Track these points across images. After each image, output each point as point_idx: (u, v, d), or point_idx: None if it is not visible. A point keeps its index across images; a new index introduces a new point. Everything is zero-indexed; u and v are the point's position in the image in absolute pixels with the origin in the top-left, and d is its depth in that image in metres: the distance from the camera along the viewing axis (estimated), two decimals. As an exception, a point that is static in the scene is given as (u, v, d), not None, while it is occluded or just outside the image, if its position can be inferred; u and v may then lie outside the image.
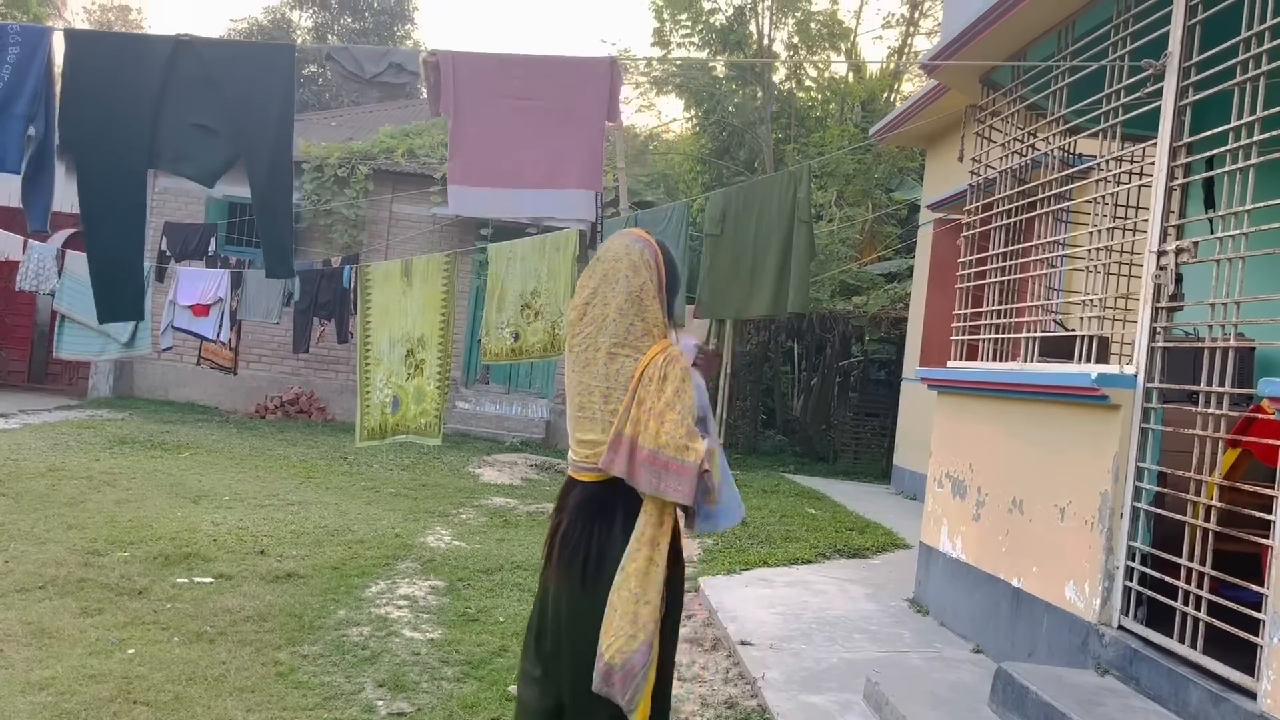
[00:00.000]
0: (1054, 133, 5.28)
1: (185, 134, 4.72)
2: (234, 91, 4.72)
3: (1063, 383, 4.57)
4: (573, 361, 3.02)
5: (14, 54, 4.53)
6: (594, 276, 3.04)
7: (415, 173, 14.56)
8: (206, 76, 4.70)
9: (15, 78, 4.52)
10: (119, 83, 4.64)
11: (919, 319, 12.08)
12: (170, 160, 4.80)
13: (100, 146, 4.66)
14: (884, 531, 8.61)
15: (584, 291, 3.04)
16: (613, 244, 3.08)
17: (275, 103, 4.76)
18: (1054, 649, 4.46)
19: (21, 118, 4.54)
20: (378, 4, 30.59)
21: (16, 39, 4.56)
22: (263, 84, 4.74)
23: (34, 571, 5.58)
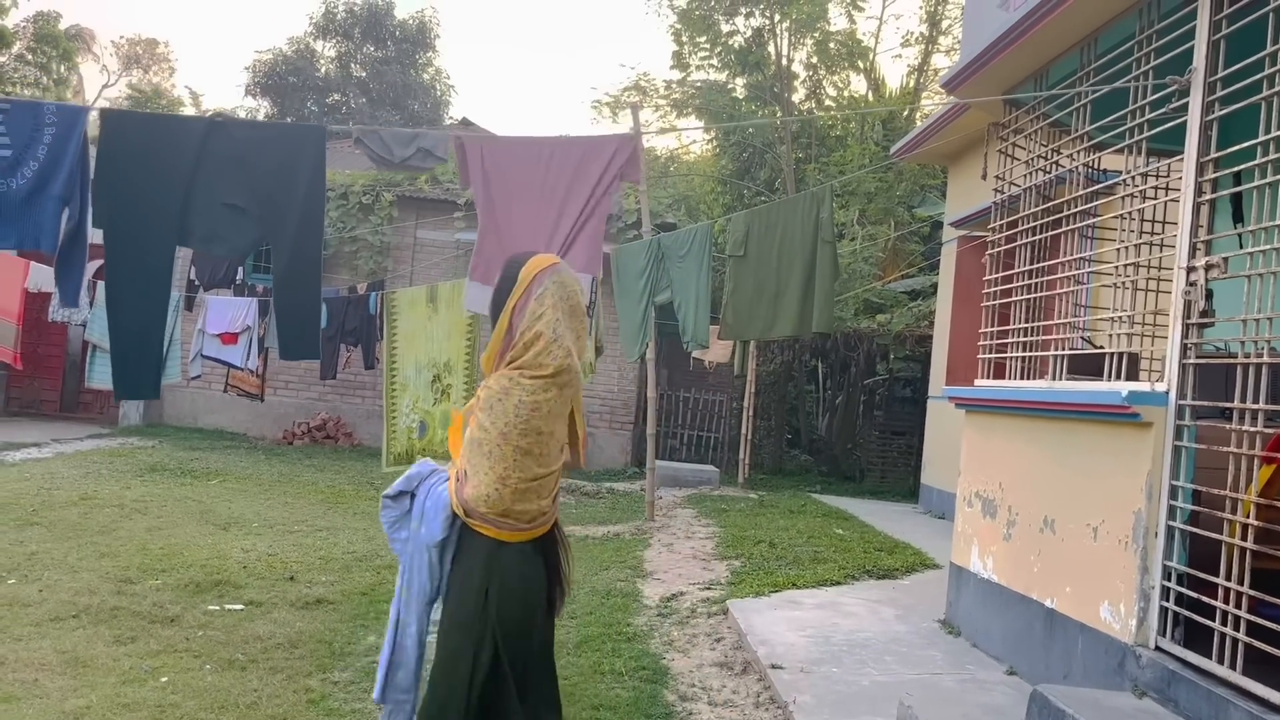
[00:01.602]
0: (1078, 149, 5.26)
1: (216, 213, 4.76)
2: (264, 172, 4.76)
3: (1093, 401, 4.54)
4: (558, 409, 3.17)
5: (50, 134, 4.57)
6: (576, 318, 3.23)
7: (439, 199, 14.68)
8: (237, 156, 4.74)
9: (51, 158, 4.57)
10: (152, 162, 4.68)
11: (944, 336, 12.03)
12: (201, 239, 4.84)
13: (131, 225, 4.69)
14: (913, 551, 8.55)
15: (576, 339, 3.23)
16: (570, 279, 3.24)
17: (302, 184, 4.79)
18: (1090, 671, 4.40)
19: (58, 199, 4.57)
20: (400, 32, 30.95)
21: (53, 119, 4.61)
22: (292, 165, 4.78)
23: (68, 600, 5.63)
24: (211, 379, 12.46)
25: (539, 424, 3.09)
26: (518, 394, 3.07)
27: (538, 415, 3.08)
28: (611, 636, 5.76)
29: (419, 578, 3.29)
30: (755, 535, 9.03)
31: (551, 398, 3.11)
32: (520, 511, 3.13)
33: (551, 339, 3.10)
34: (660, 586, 7.15)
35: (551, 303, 3.13)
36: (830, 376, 17.25)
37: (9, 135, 4.53)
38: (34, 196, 4.56)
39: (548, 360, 3.09)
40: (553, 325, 3.11)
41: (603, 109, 22.22)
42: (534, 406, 3.07)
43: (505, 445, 3.07)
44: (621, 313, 8.42)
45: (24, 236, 4.60)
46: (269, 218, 4.78)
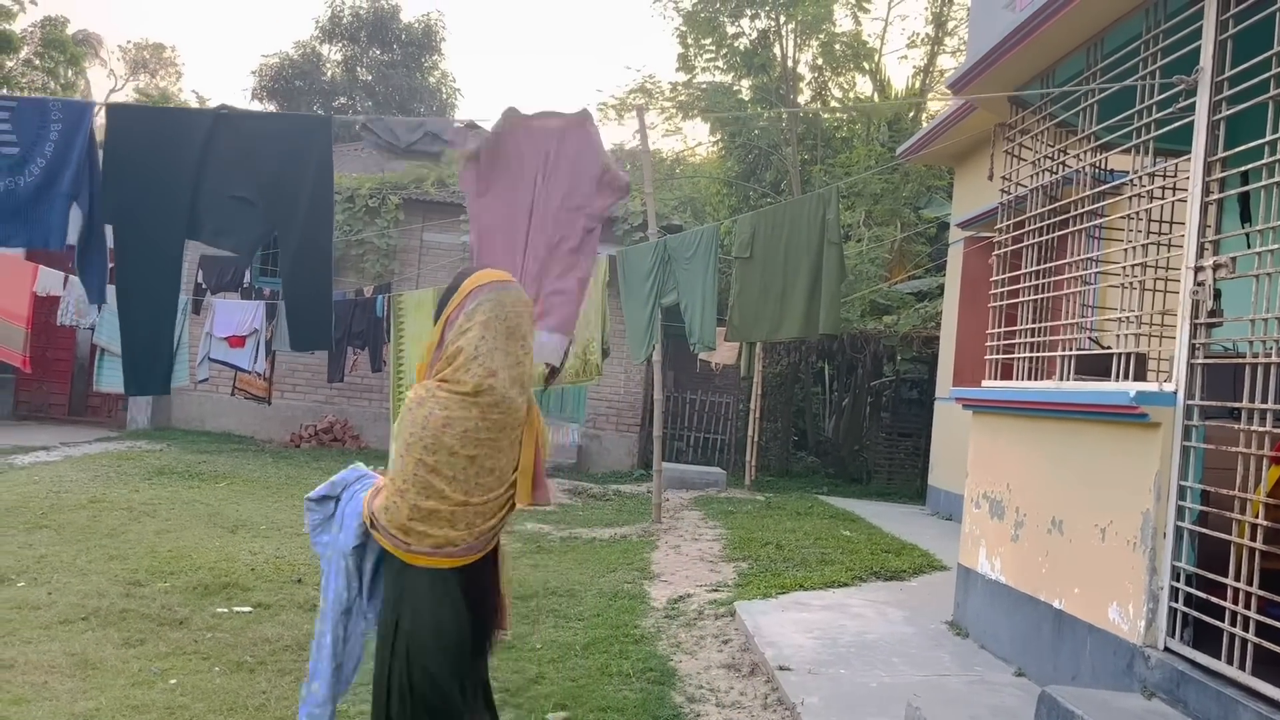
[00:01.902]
0: (1085, 149, 5.25)
1: (224, 206, 4.74)
2: (271, 164, 4.74)
3: (1101, 401, 4.53)
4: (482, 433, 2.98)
5: (56, 131, 4.56)
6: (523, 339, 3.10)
7: (446, 201, 14.70)
8: (244, 148, 4.72)
9: (58, 155, 4.55)
10: (159, 156, 4.65)
11: (951, 338, 12.01)
12: (210, 233, 4.83)
13: (139, 220, 4.67)
14: (920, 553, 8.54)
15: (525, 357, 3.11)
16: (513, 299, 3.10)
17: (310, 175, 4.77)
18: (1098, 672, 4.39)
19: (65, 196, 4.55)
20: (406, 36, 31.00)
21: (59, 115, 4.59)
22: (299, 156, 4.77)
23: (77, 603, 5.65)
24: (219, 382, 12.48)
25: (450, 442, 2.92)
26: (430, 405, 2.94)
27: (449, 432, 2.92)
28: (619, 638, 5.76)
29: (334, 584, 3.22)
30: (762, 537, 9.03)
31: (472, 417, 2.94)
32: (421, 534, 2.95)
33: (471, 356, 2.95)
34: (667, 588, 7.15)
35: (482, 320, 2.99)
36: (837, 378, 17.24)
37: (15, 133, 4.53)
38: (42, 194, 4.55)
39: (465, 376, 2.94)
40: (476, 343, 2.96)
41: (608, 111, 22.22)
42: (445, 422, 2.92)
43: (408, 456, 2.94)
44: (628, 315, 8.42)
45: (33, 235, 4.60)
46: (277, 209, 4.76)
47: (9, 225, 4.58)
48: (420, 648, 2.95)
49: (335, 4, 31.03)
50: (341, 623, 3.23)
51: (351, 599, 3.24)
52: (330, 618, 3.22)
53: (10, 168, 4.52)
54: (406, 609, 2.98)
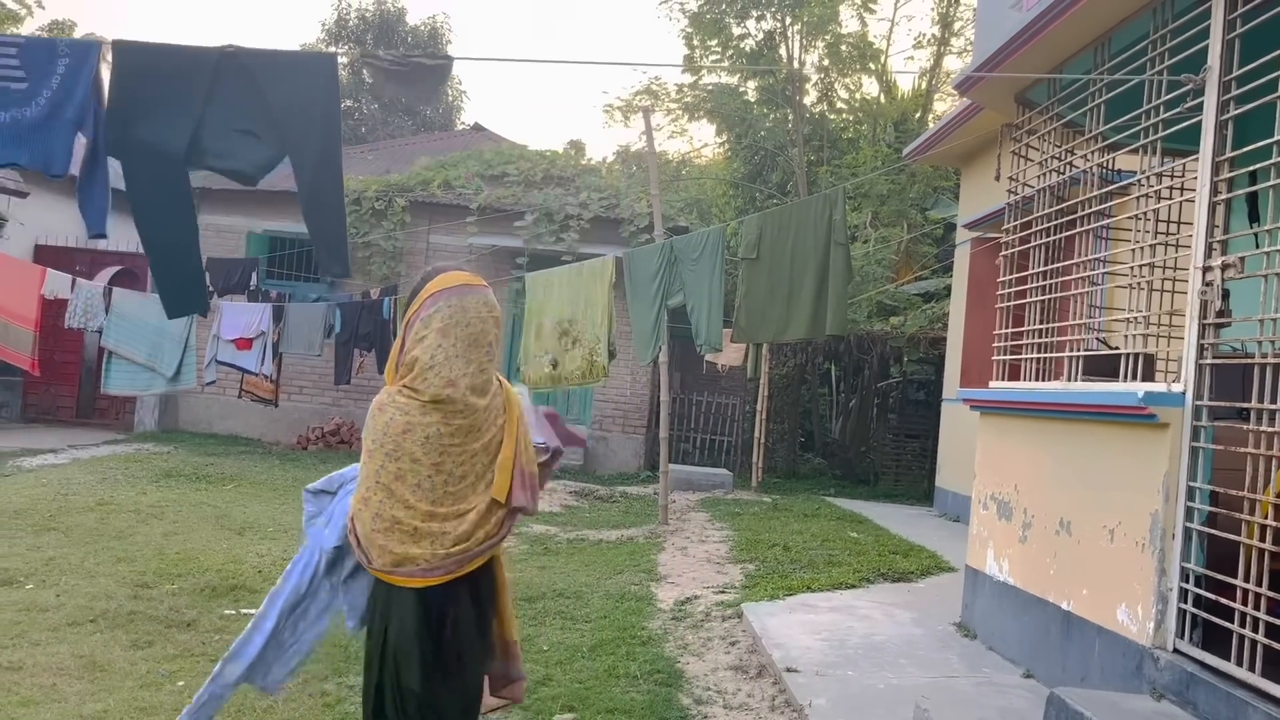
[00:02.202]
0: (1092, 149, 5.24)
1: (229, 138, 4.80)
2: (278, 99, 4.78)
3: (1109, 402, 4.51)
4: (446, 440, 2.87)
5: (63, 65, 4.65)
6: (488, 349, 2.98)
7: (451, 204, 14.71)
8: (251, 85, 4.77)
9: (64, 87, 4.64)
10: (165, 90, 4.72)
11: (958, 339, 11.99)
12: (214, 157, 4.87)
13: (146, 148, 4.74)
14: (928, 554, 8.52)
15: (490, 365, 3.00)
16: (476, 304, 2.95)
17: (319, 107, 4.82)
18: (1107, 673, 4.38)
19: (70, 123, 4.65)
20: (411, 39, 31.06)
21: (66, 51, 4.68)
22: (306, 90, 4.81)
23: (85, 605, 5.66)
24: (226, 384, 12.51)
25: (412, 449, 2.83)
26: (390, 412, 2.86)
27: (410, 439, 2.83)
28: (626, 640, 5.75)
29: (298, 574, 3.16)
30: (769, 539, 9.02)
31: (433, 422, 2.84)
32: (381, 548, 2.85)
33: (428, 365, 2.85)
34: (674, 590, 7.14)
35: (439, 327, 2.87)
36: (843, 379, 17.21)
37: (24, 69, 4.62)
38: (47, 121, 4.65)
39: (422, 386, 2.85)
40: (432, 351, 2.85)
41: (614, 113, 22.25)
42: (405, 428, 2.83)
43: (370, 464, 2.88)
44: (634, 316, 8.42)
45: (34, 155, 4.67)
46: (284, 141, 4.82)
47: (12, 148, 4.67)
48: (403, 658, 2.87)
49: (341, 7, 31.11)
50: (288, 613, 3.15)
51: (304, 596, 3.16)
52: (280, 603, 3.15)
53: (18, 101, 4.62)
54: (394, 620, 2.89)
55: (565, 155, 20.53)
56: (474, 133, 21.64)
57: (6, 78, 4.63)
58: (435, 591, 2.87)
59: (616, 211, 14.54)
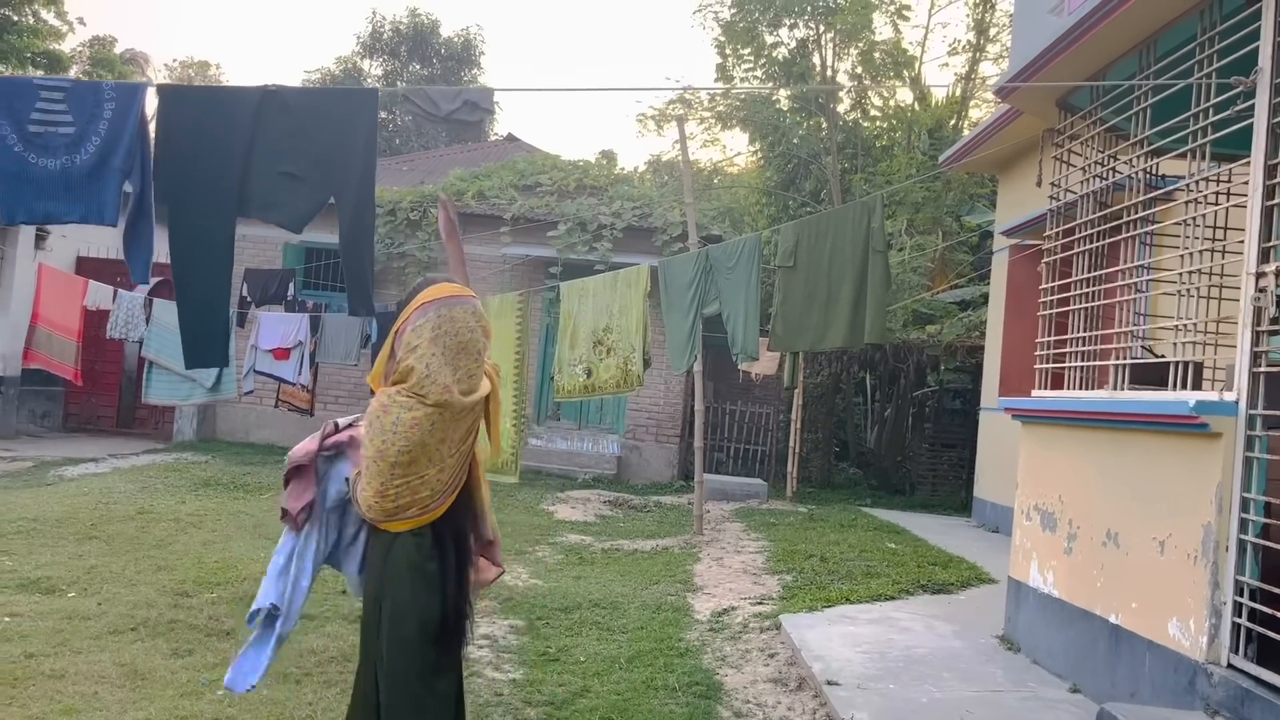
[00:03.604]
0: (1137, 154, 5.15)
1: (274, 182, 4.81)
2: (320, 138, 4.80)
3: (1158, 411, 4.42)
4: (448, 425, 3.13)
5: (109, 109, 4.66)
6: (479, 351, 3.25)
7: (485, 214, 14.76)
8: (293, 124, 4.79)
9: (111, 133, 4.65)
10: (210, 135, 4.74)
11: (996, 347, 11.85)
12: (259, 208, 4.89)
13: (192, 197, 4.76)
14: (968, 566, 8.40)
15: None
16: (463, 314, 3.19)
17: (359, 146, 4.84)
18: (1158, 689, 4.28)
19: (118, 171, 4.66)
20: (445, 50, 31.30)
21: (112, 95, 4.69)
22: (347, 129, 4.83)
23: (126, 613, 5.70)
24: (263, 394, 12.60)
25: (422, 439, 3.06)
26: (396, 411, 3.06)
27: (420, 429, 3.06)
28: (663, 651, 5.71)
29: (318, 532, 3.47)
30: (806, 549, 8.94)
31: (433, 414, 3.07)
32: (406, 505, 3.12)
33: (424, 374, 3.06)
34: (711, 601, 7.09)
35: (429, 337, 3.09)
36: (879, 388, 17.07)
37: (71, 113, 4.63)
38: (96, 171, 4.65)
39: (423, 392, 3.07)
40: (425, 361, 3.07)
41: (647, 122, 22.24)
42: (414, 422, 3.05)
43: (382, 462, 3.07)
44: (669, 325, 8.39)
45: (89, 210, 4.69)
46: (328, 183, 4.83)
47: (64, 202, 4.67)
48: (400, 640, 3.10)
49: (376, 19, 31.44)
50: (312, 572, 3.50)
51: (328, 550, 3.51)
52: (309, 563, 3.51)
53: (66, 146, 4.63)
54: (389, 592, 3.13)
55: (598, 165, 20.56)
56: (507, 143, 21.75)
57: (54, 122, 4.64)
58: (450, 520, 3.21)
59: (649, 221, 14.52)
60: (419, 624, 3.10)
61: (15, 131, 4.57)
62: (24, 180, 4.60)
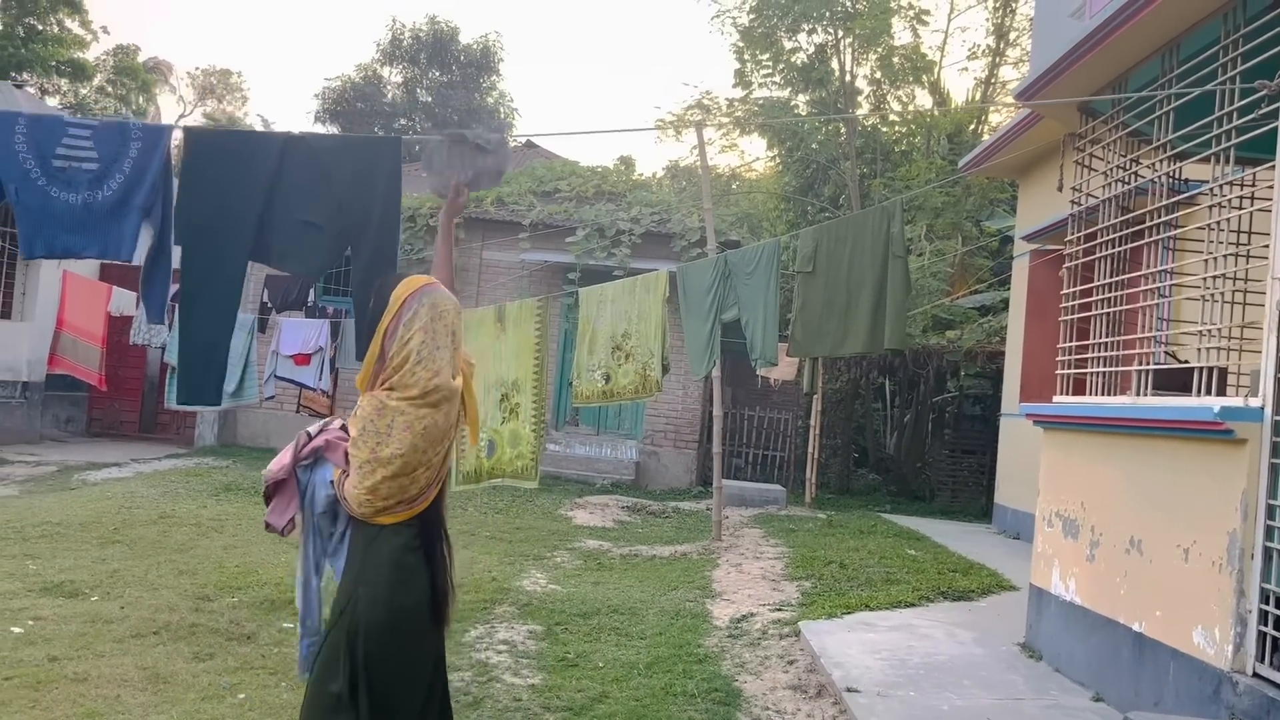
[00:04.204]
0: (1160, 159, 5.11)
1: (293, 230, 4.77)
2: (342, 185, 4.77)
3: (1182, 417, 4.38)
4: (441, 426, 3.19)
5: (135, 149, 4.67)
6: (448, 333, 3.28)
7: (504, 220, 14.81)
8: (316, 171, 4.77)
9: (136, 172, 4.67)
10: (232, 178, 4.72)
11: (1017, 353, 11.77)
12: (278, 257, 4.87)
13: (208, 239, 4.73)
14: (988, 573, 8.35)
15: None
16: (444, 298, 3.28)
17: (380, 195, 4.80)
18: (1182, 698, 4.24)
19: (138, 209, 4.66)
20: (464, 57, 31.42)
21: (138, 135, 4.71)
22: (370, 176, 4.81)
23: (148, 617, 5.74)
24: (283, 399, 12.67)
25: (415, 440, 3.11)
26: (390, 415, 3.11)
27: (412, 433, 3.10)
28: (682, 658, 5.70)
29: (312, 543, 3.59)
30: (825, 556, 8.90)
31: (429, 414, 3.12)
32: (395, 503, 3.15)
33: (416, 361, 3.12)
34: (730, 607, 7.07)
35: (421, 325, 3.16)
36: (898, 394, 17.01)
37: (96, 150, 4.66)
38: (118, 209, 4.67)
39: (411, 380, 3.11)
40: (419, 347, 3.14)
41: (666, 128, 22.26)
42: (407, 425, 3.10)
43: (375, 464, 3.10)
44: (688, 331, 8.38)
45: (107, 246, 4.71)
46: (348, 231, 4.80)
47: (83, 236, 4.70)
48: (373, 624, 3.11)
49: (396, 27, 31.59)
50: (317, 573, 3.61)
51: (321, 554, 3.62)
52: (308, 568, 3.62)
53: (89, 183, 4.65)
54: (365, 587, 3.14)
55: (616, 171, 20.59)
56: (526, 150, 21.80)
57: (79, 158, 4.68)
58: (429, 520, 3.24)
59: (667, 226, 14.53)
60: (394, 615, 3.13)
61: (39, 165, 4.61)
62: (45, 214, 4.62)
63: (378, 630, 3.11)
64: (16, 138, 4.59)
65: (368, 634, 3.11)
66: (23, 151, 4.60)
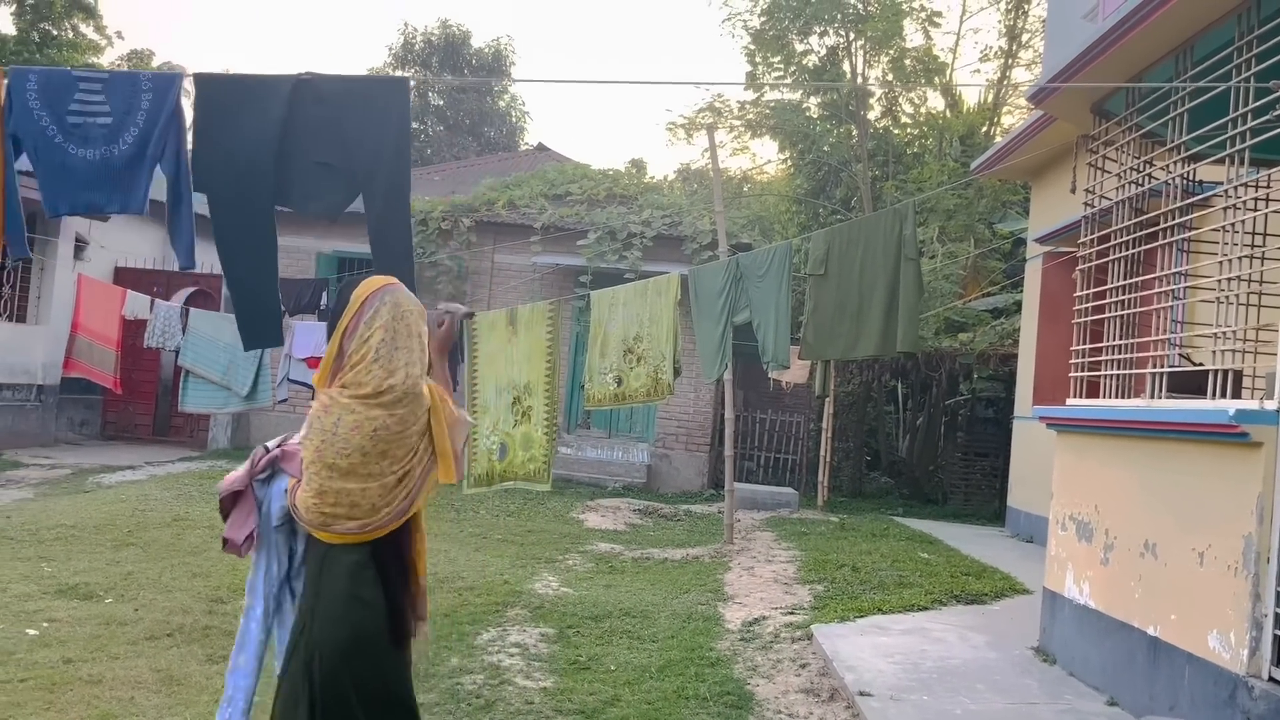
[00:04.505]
0: (1174, 160, 5.09)
1: (308, 172, 4.80)
2: (352, 125, 4.78)
3: (1197, 420, 4.36)
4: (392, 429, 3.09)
5: (147, 100, 4.69)
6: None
7: (516, 223, 14.84)
8: (325, 113, 4.78)
9: (148, 122, 4.69)
10: (245, 123, 4.74)
11: (1030, 355, 11.73)
12: (299, 199, 4.90)
13: (231, 185, 4.77)
14: (1001, 576, 8.32)
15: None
16: (406, 299, 3.21)
17: (391, 134, 4.82)
18: (1197, 702, 4.21)
19: (152, 159, 4.70)
20: (476, 61, 31.52)
21: (149, 85, 4.73)
22: (379, 116, 4.82)
23: (162, 619, 5.76)
24: (296, 403, 12.67)
25: (363, 443, 3.02)
26: (337, 412, 3.05)
27: (360, 434, 3.02)
28: (694, 661, 5.69)
29: (266, 557, 3.42)
30: (837, 559, 8.88)
31: (380, 416, 3.04)
32: (343, 515, 3.06)
33: (373, 360, 3.07)
34: (742, 610, 7.06)
35: (383, 324, 3.12)
36: (910, 397, 16.95)
37: (109, 104, 4.67)
38: (135, 161, 4.69)
39: (366, 379, 3.06)
40: (378, 346, 3.08)
41: (677, 130, 22.24)
42: (355, 425, 3.03)
43: (320, 464, 3.05)
44: (699, 334, 8.38)
45: (129, 199, 4.74)
46: (360, 171, 4.82)
47: (104, 192, 4.72)
48: (329, 643, 3.03)
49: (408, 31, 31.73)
50: (274, 597, 3.41)
51: (283, 575, 3.43)
52: (261, 590, 3.41)
53: (104, 137, 4.67)
54: (323, 601, 3.08)
55: (627, 174, 20.61)
56: (537, 153, 21.86)
57: (92, 113, 4.69)
58: (391, 546, 3.15)
59: (679, 229, 14.53)
60: (346, 636, 3.04)
61: (55, 123, 4.63)
62: (65, 171, 4.65)
63: (337, 651, 3.02)
64: (29, 95, 4.61)
65: (325, 655, 3.02)
66: (37, 109, 4.61)
